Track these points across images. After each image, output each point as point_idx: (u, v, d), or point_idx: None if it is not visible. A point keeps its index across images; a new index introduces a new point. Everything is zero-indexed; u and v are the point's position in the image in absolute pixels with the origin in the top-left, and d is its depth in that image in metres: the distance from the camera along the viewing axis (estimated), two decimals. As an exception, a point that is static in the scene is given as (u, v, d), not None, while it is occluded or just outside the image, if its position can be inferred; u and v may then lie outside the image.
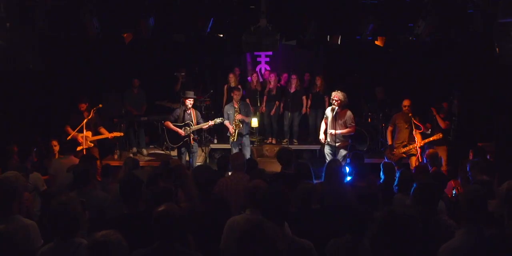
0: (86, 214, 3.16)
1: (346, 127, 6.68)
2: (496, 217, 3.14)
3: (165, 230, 2.59)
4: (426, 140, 6.78)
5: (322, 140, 6.88)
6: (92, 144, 7.22)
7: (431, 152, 5.92)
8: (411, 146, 6.85)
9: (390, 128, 7.16)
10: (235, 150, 7.43)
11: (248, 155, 7.49)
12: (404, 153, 6.96)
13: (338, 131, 6.64)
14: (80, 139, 6.93)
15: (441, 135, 6.71)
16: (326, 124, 6.89)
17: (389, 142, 7.13)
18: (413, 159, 6.92)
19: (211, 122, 7.09)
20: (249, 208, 3.26)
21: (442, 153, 6.99)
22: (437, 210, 3.31)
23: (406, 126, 6.88)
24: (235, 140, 7.40)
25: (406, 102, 6.92)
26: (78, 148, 6.94)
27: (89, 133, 7.16)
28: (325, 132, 6.89)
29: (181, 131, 7.01)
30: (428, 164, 5.59)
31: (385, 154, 7.27)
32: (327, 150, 6.97)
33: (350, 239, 2.91)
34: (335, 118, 6.64)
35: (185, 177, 3.70)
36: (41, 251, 2.69)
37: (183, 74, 8.93)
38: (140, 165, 7.07)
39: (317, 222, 3.40)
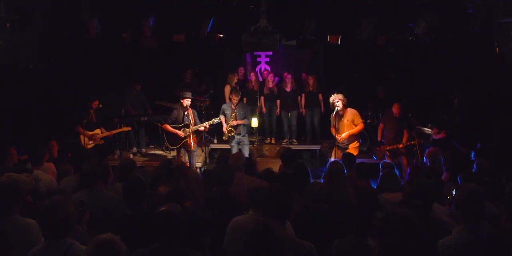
0: (86, 215, 3.16)
1: (355, 126, 6.65)
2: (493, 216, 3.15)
3: (166, 231, 2.58)
4: (408, 143, 6.93)
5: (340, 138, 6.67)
6: (103, 141, 7.41)
7: (431, 151, 5.91)
8: (394, 146, 7.05)
9: (381, 126, 7.41)
10: (235, 150, 7.44)
11: (246, 154, 7.51)
12: (388, 151, 7.16)
13: (345, 133, 6.58)
14: (92, 137, 7.18)
15: (406, 136, 6.93)
16: (335, 128, 6.78)
17: (379, 139, 7.42)
18: (404, 158, 7.13)
19: (206, 124, 7.06)
20: (252, 208, 3.25)
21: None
22: (433, 208, 3.31)
23: (394, 126, 7.10)
24: (227, 138, 7.46)
25: (396, 109, 7.03)
26: (88, 146, 7.12)
27: (99, 131, 7.25)
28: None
29: (181, 133, 7.00)
30: (428, 163, 5.58)
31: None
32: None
33: (354, 240, 2.90)
34: (339, 119, 6.61)
35: (187, 176, 3.69)
36: (33, 251, 2.68)
37: (189, 76, 9.08)
38: (139, 165, 7.10)
39: (324, 222, 3.40)
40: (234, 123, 7.27)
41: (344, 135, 6.56)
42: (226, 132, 7.41)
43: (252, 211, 3.22)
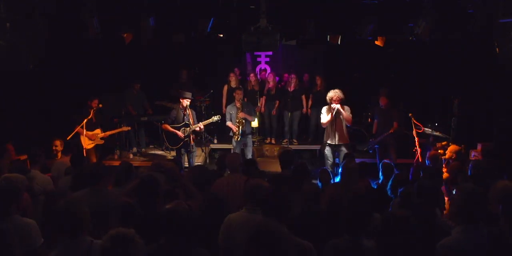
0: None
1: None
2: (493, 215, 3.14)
3: (173, 227, 2.59)
4: (395, 129, 7.29)
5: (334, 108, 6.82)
6: (103, 141, 7.43)
7: (432, 153, 5.92)
8: (383, 136, 7.37)
9: (376, 120, 7.75)
10: (237, 150, 7.42)
11: (249, 155, 7.50)
12: (378, 142, 7.52)
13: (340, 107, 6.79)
14: (92, 137, 7.22)
15: (396, 126, 7.26)
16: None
17: (373, 132, 7.76)
18: (392, 150, 7.51)
19: (200, 124, 7.00)
20: (246, 206, 3.25)
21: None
22: (436, 211, 3.31)
23: (383, 119, 7.49)
24: (239, 139, 7.40)
25: (382, 101, 7.43)
26: (88, 145, 7.15)
27: (99, 131, 7.26)
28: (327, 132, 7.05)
29: (180, 133, 6.99)
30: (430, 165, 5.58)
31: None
32: (327, 151, 7.03)
33: (349, 240, 2.90)
34: (335, 115, 6.84)
35: (180, 178, 3.69)
36: (51, 255, 2.67)
37: (184, 76, 9.12)
38: (139, 165, 7.10)
39: (321, 223, 3.40)
40: (242, 115, 7.30)
41: (339, 107, 6.75)
42: (236, 129, 7.38)
43: (246, 209, 3.22)
